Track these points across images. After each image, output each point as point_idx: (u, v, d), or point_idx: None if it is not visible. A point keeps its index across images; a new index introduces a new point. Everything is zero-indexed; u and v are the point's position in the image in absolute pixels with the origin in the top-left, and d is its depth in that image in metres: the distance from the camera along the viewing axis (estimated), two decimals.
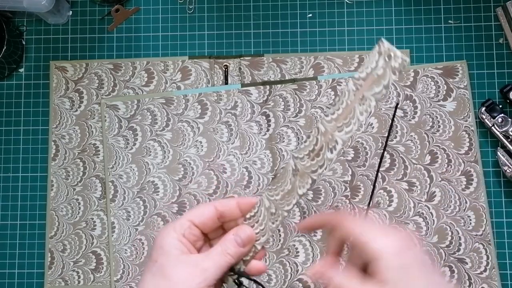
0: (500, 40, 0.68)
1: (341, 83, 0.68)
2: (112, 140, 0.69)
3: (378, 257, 0.39)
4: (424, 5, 0.70)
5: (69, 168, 0.69)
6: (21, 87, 0.72)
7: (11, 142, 0.71)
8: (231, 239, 0.42)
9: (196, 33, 0.71)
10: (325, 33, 0.70)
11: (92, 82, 0.71)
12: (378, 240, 0.40)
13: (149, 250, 0.67)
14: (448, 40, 0.69)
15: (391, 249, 0.39)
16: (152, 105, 0.69)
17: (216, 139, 0.68)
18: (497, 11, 0.68)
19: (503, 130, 0.65)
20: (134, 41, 0.72)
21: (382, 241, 0.40)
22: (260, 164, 0.67)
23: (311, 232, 0.62)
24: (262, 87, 0.68)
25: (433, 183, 0.66)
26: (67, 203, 0.69)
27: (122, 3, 0.72)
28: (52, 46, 0.72)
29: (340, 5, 0.71)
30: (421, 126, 0.67)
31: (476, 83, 0.68)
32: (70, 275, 0.68)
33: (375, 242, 0.40)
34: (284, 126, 0.67)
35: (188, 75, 0.70)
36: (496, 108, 0.65)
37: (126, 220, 0.68)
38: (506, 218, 0.66)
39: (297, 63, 0.69)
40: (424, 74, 0.67)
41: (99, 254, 0.68)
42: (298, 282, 0.65)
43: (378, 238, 0.40)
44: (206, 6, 0.72)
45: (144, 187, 0.68)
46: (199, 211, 0.43)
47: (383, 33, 0.69)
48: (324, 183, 0.66)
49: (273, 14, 0.71)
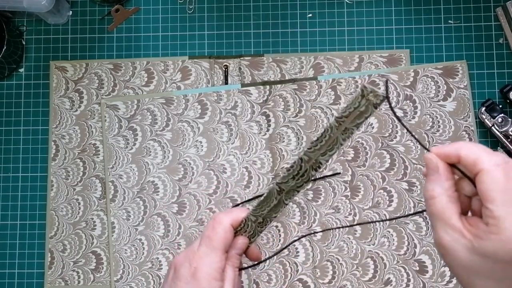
0: (500, 40, 0.68)
1: (341, 83, 0.68)
2: (112, 140, 0.69)
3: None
4: (424, 5, 0.70)
5: (69, 168, 0.69)
6: (21, 87, 0.72)
7: (11, 142, 0.71)
8: (233, 255, 0.49)
9: (196, 33, 0.71)
10: (325, 33, 0.70)
11: (92, 82, 0.71)
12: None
13: (150, 250, 0.67)
14: (448, 40, 0.69)
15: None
16: (152, 105, 0.69)
17: (216, 139, 0.68)
18: (497, 11, 0.68)
19: (503, 130, 0.65)
20: (134, 41, 0.72)
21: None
22: (260, 164, 0.67)
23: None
24: (262, 87, 0.68)
25: None
26: (67, 203, 0.69)
27: (122, 3, 0.72)
28: (52, 46, 0.72)
29: (340, 5, 0.71)
30: (421, 126, 0.67)
31: (476, 83, 0.68)
32: (70, 275, 0.68)
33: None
34: (284, 126, 0.67)
35: (188, 75, 0.70)
36: (496, 108, 0.65)
37: (126, 220, 0.68)
38: None
39: (297, 63, 0.69)
40: (424, 74, 0.67)
41: (99, 254, 0.68)
42: (298, 282, 0.65)
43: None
44: (206, 6, 0.72)
45: (144, 187, 0.68)
46: (239, 243, 0.50)
47: (383, 33, 0.69)
48: (324, 183, 0.66)
49: (273, 14, 0.71)
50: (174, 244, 0.67)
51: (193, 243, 0.49)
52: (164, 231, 0.67)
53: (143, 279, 0.67)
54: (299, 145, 0.67)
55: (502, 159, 0.37)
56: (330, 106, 0.67)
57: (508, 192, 0.36)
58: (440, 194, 0.39)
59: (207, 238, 0.49)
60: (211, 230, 0.49)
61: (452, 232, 0.38)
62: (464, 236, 0.37)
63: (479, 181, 0.37)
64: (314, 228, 0.66)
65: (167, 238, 0.67)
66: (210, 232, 0.49)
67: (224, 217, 0.50)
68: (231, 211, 0.51)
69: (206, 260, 0.48)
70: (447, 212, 0.38)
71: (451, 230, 0.38)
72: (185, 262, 0.49)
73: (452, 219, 0.38)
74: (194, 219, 0.67)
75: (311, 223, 0.66)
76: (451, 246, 0.38)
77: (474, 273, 0.38)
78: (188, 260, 0.49)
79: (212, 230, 0.49)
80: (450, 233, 0.38)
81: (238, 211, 0.51)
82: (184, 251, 0.50)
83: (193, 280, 0.47)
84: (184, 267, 0.48)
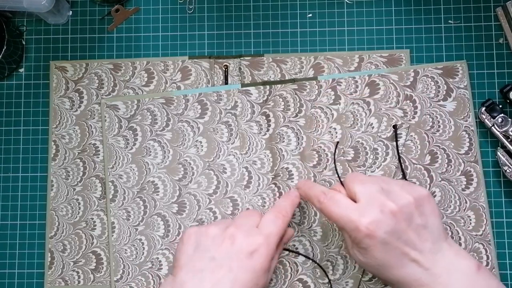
0: (500, 40, 0.68)
1: (341, 83, 0.68)
2: (112, 140, 0.69)
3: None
4: (424, 5, 0.70)
5: (69, 168, 0.69)
6: (21, 87, 0.72)
7: (11, 142, 0.71)
8: (281, 244, 0.61)
9: (196, 33, 0.71)
10: (325, 33, 0.70)
11: (92, 82, 0.71)
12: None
13: (150, 250, 0.67)
14: (448, 40, 0.69)
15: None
16: (152, 105, 0.69)
17: (216, 139, 0.68)
18: (497, 11, 0.68)
19: (503, 130, 0.65)
20: (134, 41, 0.72)
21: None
22: (260, 164, 0.67)
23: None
24: (262, 87, 0.68)
25: (433, 183, 0.66)
26: (67, 203, 0.69)
27: (122, 3, 0.72)
28: (52, 46, 0.72)
29: (340, 5, 0.71)
30: (421, 126, 0.67)
31: (476, 83, 0.68)
32: (70, 275, 0.68)
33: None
34: (284, 126, 0.67)
35: (188, 75, 0.70)
36: (496, 108, 0.65)
37: (126, 220, 0.68)
38: (506, 218, 0.66)
39: (297, 63, 0.69)
40: (424, 74, 0.67)
41: (99, 254, 0.68)
42: (298, 282, 0.65)
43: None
44: (206, 6, 0.72)
45: (144, 187, 0.68)
46: (290, 234, 0.62)
47: (383, 33, 0.69)
48: (324, 183, 0.66)
49: (273, 14, 0.71)
50: (174, 244, 0.67)
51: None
52: (164, 231, 0.67)
53: (143, 279, 0.67)
54: (299, 145, 0.67)
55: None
56: (330, 106, 0.67)
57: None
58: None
59: (280, 214, 0.59)
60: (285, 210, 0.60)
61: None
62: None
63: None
64: (314, 228, 0.66)
65: (167, 238, 0.67)
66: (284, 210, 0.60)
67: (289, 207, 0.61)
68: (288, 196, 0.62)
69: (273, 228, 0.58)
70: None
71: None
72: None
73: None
74: (194, 219, 0.67)
75: (311, 223, 0.66)
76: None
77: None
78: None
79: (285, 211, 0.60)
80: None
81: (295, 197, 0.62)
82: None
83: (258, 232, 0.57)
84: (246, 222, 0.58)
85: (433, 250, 0.53)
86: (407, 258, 0.53)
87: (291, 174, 0.66)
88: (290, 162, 0.67)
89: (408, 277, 0.53)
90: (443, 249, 0.54)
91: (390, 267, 0.54)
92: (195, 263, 0.54)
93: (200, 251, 0.55)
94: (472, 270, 0.53)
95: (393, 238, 0.53)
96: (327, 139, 0.67)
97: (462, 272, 0.53)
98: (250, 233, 0.56)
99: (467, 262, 0.54)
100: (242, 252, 0.54)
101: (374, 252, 0.53)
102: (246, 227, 0.57)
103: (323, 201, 0.57)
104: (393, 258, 0.53)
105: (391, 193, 0.55)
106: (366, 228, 0.53)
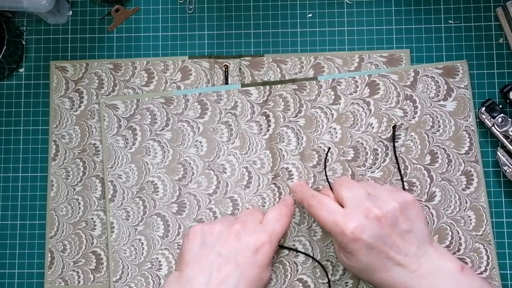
0: (500, 40, 0.68)
1: (341, 83, 0.68)
2: (111, 139, 0.69)
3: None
4: (424, 5, 0.70)
5: (69, 168, 0.69)
6: (21, 87, 0.72)
7: (11, 142, 0.71)
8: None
9: (196, 33, 0.71)
10: (325, 33, 0.70)
11: (92, 82, 0.71)
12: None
13: (149, 250, 0.67)
14: (448, 40, 0.69)
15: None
16: (151, 104, 0.69)
17: (216, 139, 0.68)
18: (497, 11, 0.68)
19: (503, 130, 0.65)
20: (134, 41, 0.72)
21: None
22: (260, 164, 0.67)
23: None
24: (262, 87, 0.68)
25: (433, 183, 0.66)
26: (67, 203, 0.69)
27: (122, 3, 0.72)
28: (52, 46, 0.72)
29: (340, 5, 0.71)
30: (421, 126, 0.67)
31: (476, 83, 0.68)
32: (70, 275, 0.68)
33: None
34: (284, 126, 0.67)
35: (188, 75, 0.70)
36: (496, 108, 0.65)
37: (125, 220, 0.68)
38: (506, 218, 0.66)
39: (297, 63, 0.69)
40: (424, 74, 0.67)
41: (99, 254, 0.68)
42: (298, 282, 0.65)
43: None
44: (206, 6, 0.72)
45: (144, 187, 0.68)
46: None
47: (383, 33, 0.69)
48: (324, 183, 0.66)
49: (273, 14, 0.71)
50: (173, 244, 0.67)
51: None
52: (164, 231, 0.67)
53: (142, 279, 0.67)
54: (299, 145, 0.67)
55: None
56: (330, 106, 0.67)
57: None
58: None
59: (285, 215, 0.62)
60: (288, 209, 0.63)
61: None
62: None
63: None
64: (313, 228, 0.66)
65: (166, 238, 0.67)
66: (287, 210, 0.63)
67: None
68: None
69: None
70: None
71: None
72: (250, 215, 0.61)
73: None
74: (194, 219, 0.67)
75: (311, 223, 0.66)
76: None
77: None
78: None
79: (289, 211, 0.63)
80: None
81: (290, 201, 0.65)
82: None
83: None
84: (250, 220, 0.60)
85: (418, 254, 0.55)
86: (392, 262, 0.55)
87: (291, 174, 0.66)
88: (290, 162, 0.67)
89: (393, 280, 0.55)
90: (428, 252, 0.56)
91: (375, 271, 0.55)
92: (201, 260, 0.56)
93: (206, 247, 0.57)
94: (456, 271, 0.55)
95: (378, 242, 0.54)
96: (327, 139, 0.67)
97: (446, 273, 0.55)
98: (255, 230, 0.58)
99: (451, 264, 0.56)
100: (248, 248, 0.56)
101: (360, 256, 0.55)
102: (251, 224, 0.59)
103: (312, 204, 0.59)
104: (378, 262, 0.55)
105: (378, 198, 0.57)
106: (352, 233, 0.54)
